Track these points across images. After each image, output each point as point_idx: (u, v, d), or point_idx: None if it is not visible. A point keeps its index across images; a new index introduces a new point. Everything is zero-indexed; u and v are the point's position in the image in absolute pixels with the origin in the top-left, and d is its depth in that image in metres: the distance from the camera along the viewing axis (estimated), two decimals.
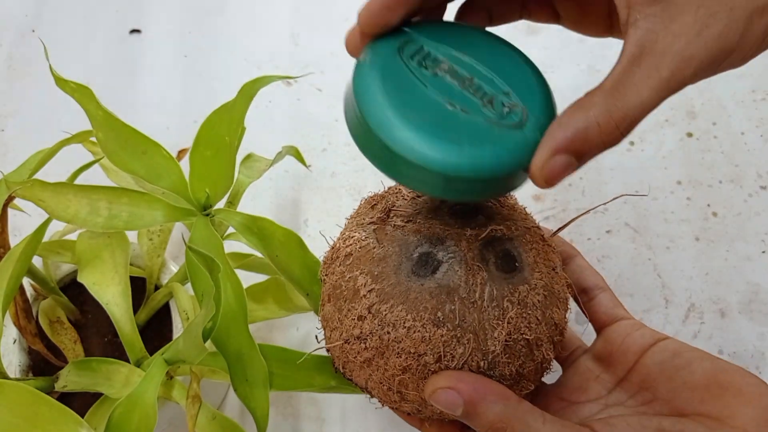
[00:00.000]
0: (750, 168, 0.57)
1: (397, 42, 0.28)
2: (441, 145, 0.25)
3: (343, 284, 0.30)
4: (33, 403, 0.30)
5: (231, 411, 0.49)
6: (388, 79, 0.27)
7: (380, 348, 0.29)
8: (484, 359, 0.28)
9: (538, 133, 0.27)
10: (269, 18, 0.66)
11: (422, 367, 0.28)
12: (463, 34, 0.29)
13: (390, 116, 0.26)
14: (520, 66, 0.29)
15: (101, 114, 0.38)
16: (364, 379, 0.31)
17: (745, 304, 0.52)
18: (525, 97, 0.27)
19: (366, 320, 0.29)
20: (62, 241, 0.42)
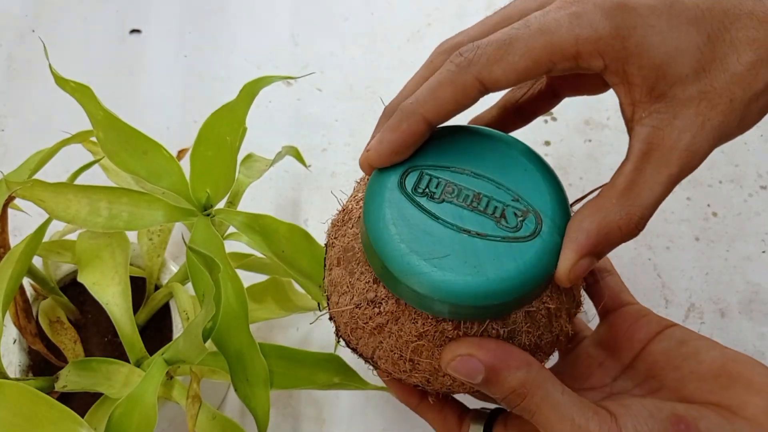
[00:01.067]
0: (750, 168, 0.57)
1: (398, 175, 0.28)
2: (468, 279, 0.26)
3: (356, 246, 0.29)
4: (33, 403, 0.30)
5: (231, 411, 0.49)
6: (400, 222, 0.27)
7: (396, 312, 0.28)
8: (504, 327, 0.27)
9: (556, 237, 0.27)
10: (269, 18, 0.66)
11: (440, 333, 0.27)
12: (460, 142, 0.29)
13: (413, 263, 0.26)
14: (523, 164, 0.29)
15: (101, 114, 0.38)
16: (372, 348, 0.29)
17: (745, 304, 0.52)
18: (535, 199, 0.28)
19: (380, 283, 0.28)
20: (62, 241, 0.42)
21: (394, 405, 0.49)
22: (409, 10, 0.66)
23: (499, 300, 0.26)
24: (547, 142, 0.59)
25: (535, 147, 0.30)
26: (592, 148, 0.59)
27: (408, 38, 0.65)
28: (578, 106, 0.60)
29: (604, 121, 0.60)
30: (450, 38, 0.31)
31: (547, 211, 0.28)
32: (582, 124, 0.60)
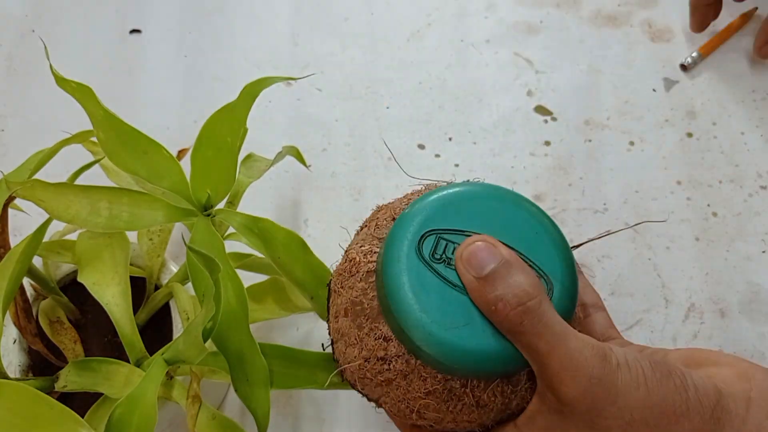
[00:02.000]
0: (750, 168, 0.57)
1: (415, 240, 0.28)
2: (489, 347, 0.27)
3: (365, 302, 0.29)
4: (33, 403, 0.30)
5: (231, 411, 0.49)
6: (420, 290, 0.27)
7: (405, 371, 0.28)
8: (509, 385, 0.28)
9: (567, 302, 0.28)
10: (269, 18, 0.66)
11: (447, 391, 0.28)
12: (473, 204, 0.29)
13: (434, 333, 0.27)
14: (534, 227, 0.29)
15: (102, 114, 0.38)
16: (379, 395, 0.30)
17: (745, 304, 0.52)
18: (546, 264, 0.28)
19: (392, 342, 0.28)
20: (62, 241, 0.42)
21: None
22: (409, 10, 0.66)
23: (516, 365, 0.27)
24: (547, 142, 0.59)
25: (535, 147, 0.30)
26: (592, 148, 0.59)
27: (408, 38, 0.65)
28: (578, 106, 0.60)
29: (604, 121, 0.60)
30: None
31: (557, 275, 0.28)
32: (582, 124, 0.60)
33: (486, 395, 0.28)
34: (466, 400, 0.28)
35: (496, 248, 0.27)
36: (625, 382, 0.25)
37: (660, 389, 0.25)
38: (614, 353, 0.26)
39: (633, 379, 0.25)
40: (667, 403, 0.25)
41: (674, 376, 0.26)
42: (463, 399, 0.28)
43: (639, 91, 0.61)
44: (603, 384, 0.25)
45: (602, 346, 0.26)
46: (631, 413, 0.25)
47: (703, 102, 0.60)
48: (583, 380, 0.25)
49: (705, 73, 0.62)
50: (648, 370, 0.26)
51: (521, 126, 0.59)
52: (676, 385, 0.26)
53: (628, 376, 0.25)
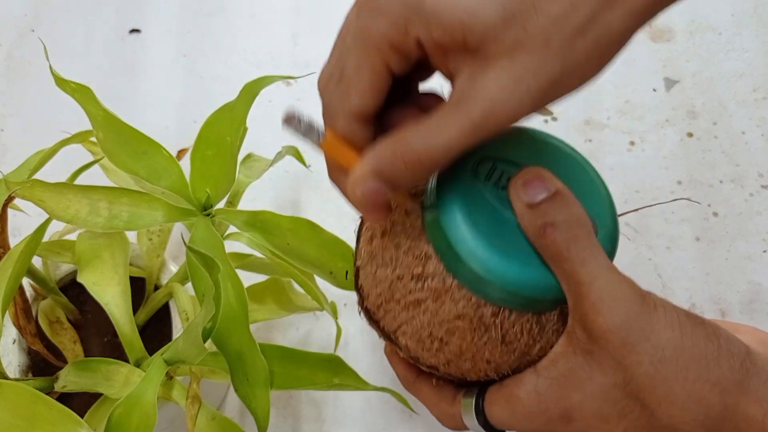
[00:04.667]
0: (751, 167, 0.57)
1: (471, 163, 0.29)
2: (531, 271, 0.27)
3: (408, 221, 0.30)
4: (32, 403, 0.30)
5: (231, 411, 0.49)
6: (473, 207, 0.28)
7: (439, 290, 0.28)
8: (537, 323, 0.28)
9: (608, 245, 0.28)
10: (269, 18, 0.66)
11: (478, 318, 0.28)
12: (529, 143, 0.30)
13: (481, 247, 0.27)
14: (584, 173, 0.30)
15: (101, 114, 0.38)
16: (400, 323, 0.30)
17: (746, 304, 0.52)
18: (593, 208, 0.28)
19: (432, 260, 0.28)
20: (62, 241, 0.42)
21: (393, 405, 0.49)
22: None
23: (553, 295, 0.27)
24: None
25: None
26: (592, 147, 0.59)
27: None
28: (579, 106, 0.60)
29: (604, 121, 0.60)
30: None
31: (603, 221, 0.29)
32: (582, 124, 0.60)
33: (514, 330, 0.28)
34: (492, 333, 0.28)
35: (551, 180, 0.27)
36: (661, 321, 0.25)
37: (693, 333, 0.25)
38: (652, 296, 0.26)
39: (669, 320, 0.26)
40: (699, 347, 0.25)
41: (707, 326, 0.26)
42: (491, 330, 0.28)
43: (639, 91, 0.61)
44: (640, 319, 0.25)
45: (641, 289, 0.26)
46: (663, 351, 0.25)
47: (703, 102, 0.60)
48: (621, 312, 0.25)
49: (706, 72, 0.62)
50: (683, 316, 0.26)
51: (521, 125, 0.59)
52: (708, 333, 0.26)
53: (664, 317, 0.26)
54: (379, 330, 0.31)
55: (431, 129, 0.25)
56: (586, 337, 0.26)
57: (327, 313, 0.40)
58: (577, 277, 0.26)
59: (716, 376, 0.25)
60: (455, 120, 0.25)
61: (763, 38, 0.63)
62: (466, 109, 0.25)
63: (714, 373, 0.25)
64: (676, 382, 0.25)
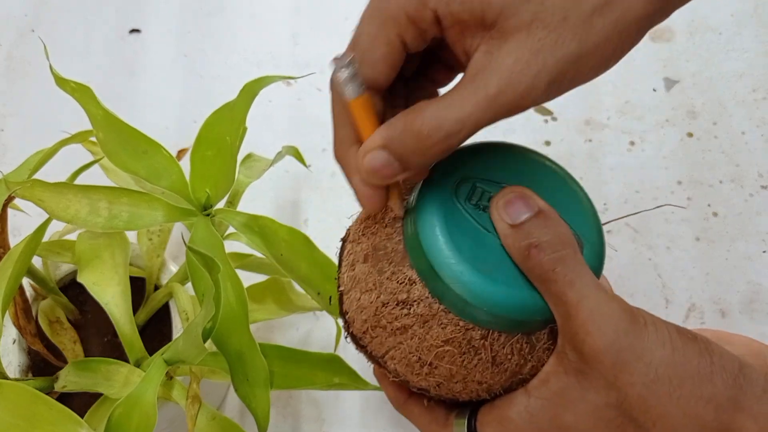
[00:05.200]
0: (751, 167, 0.57)
1: (451, 184, 0.28)
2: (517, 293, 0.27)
3: (390, 246, 0.29)
4: (32, 403, 0.30)
5: (231, 411, 0.49)
6: (454, 230, 0.27)
7: (425, 316, 0.28)
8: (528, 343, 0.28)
9: (596, 261, 0.28)
10: (269, 18, 0.66)
11: (466, 341, 0.28)
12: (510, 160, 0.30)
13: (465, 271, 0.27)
14: (567, 188, 0.29)
15: (101, 114, 0.38)
16: (388, 348, 0.30)
17: (745, 304, 0.52)
18: (578, 224, 0.28)
19: (416, 285, 0.28)
20: (62, 241, 0.42)
21: None
22: None
23: (541, 316, 0.27)
24: (547, 142, 0.59)
25: (535, 147, 0.31)
26: (592, 148, 0.59)
27: None
28: (579, 106, 0.60)
29: (604, 121, 0.60)
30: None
31: (588, 236, 0.28)
32: (582, 124, 0.60)
33: (504, 351, 0.28)
34: (482, 355, 0.28)
35: (533, 199, 0.27)
36: (652, 340, 0.25)
37: (685, 350, 0.25)
38: (641, 313, 0.26)
39: (660, 337, 0.25)
40: (692, 364, 0.25)
41: (699, 342, 0.26)
42: (480, 353, 0.28)
43: (639, 91, 0.61)
44: (630, 337, 0.25)
45: (629, 306, 0.26)
46: (656, 370, 0.25)
47: (703, 102, 0.60)
48: (611, 332, 0.25)
49: (706, 72, 0.62)
50: (674, 332, 0.26)
51: (521, 126, 0.59)
52: (701, 349, 0.25)
53: (655, 335, 0.25)
54: (366, 355, 0.31)
55: (445, 103, 0.25)
56: (576, 357, 0.26)
57: (327, 313, 0.40)
58: (565, 298, 0.26)
59: (710, 393, 0.25)
60: (470, 93, 0.24)
61: (762, 38, 0.63)
62: (483, 83, 0.24)
63: (708, 390, 0.25)
64: (669, 400, 0.25)
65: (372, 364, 0.31)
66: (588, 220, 0.29)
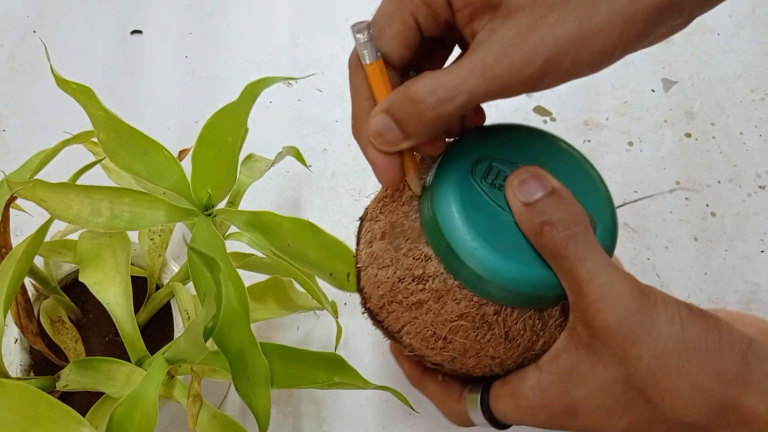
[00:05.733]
0: (749, 168, 0.57)
1: (467, 162, 0.29)
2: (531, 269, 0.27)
3: (407, 223, 0.30)
4: (34, 402, 0.30)
5: (232, 410, 0.49)
6: (470, 208, 0.28)
7: (440, 291, 0.28)
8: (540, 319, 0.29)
9: (608, 241, 0.28)
10: (270, 19, 0.67)
11: (480, 316, 0.28)
12: (525, 141, 0.30)
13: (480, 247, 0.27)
14: (581, 169, 0.30)
15: (103, 114, 0.38)
16: (404, 323, 0.30)
17: (743, 304, 0.52)
18: (592, 204, 0.29)
19: (432, 261, 0.28)
20: (64, 240, 0.42)
21: (393, 404, 0.49)
22: None
23: (553, 292, 0.27)
24: None
25: None
26: (591, 148, 0.59)
27: None
28: (577, 106, 0.60)
29: (603, 121, 0.60)
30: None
31: (601, 216, 0.29)
32: (581, 125, 0.60)
33: (516, 327, 0.28)
34: (496, 330, 0.28)
35: (547, 178, 0.27)
36: (662, 316, 0.26)
37: (694, 326, 0.26)
38: (652, 291, 0.26)
39: (669, 314, 0.26)
40: (700, 339, 0.25)
41: (708, 318, 0.26)
42: (494, 328, 0.28)
43: (638, 92, 0.61)
44: (640, 315, 0.25)
45: (640, 283, 0.26)
46: (665, 345, 0.25)
47: (701, 102, 0.60)
48: (621, 308, 0.25)
49: (704, 73, 0.62)
50: (684, 309, 0.26)
51: None
52: (710, 326, 0.26)
53: (665, 312, 0.26)
54: (383, 330, 0.31)
55: (443, 72, 0.25)
56: (587, 333, 0.26)
57: (328, 312, 0.40)
58: (577, 274, 0.26)
59: (718, 368, 0.25)
60: (466, 63, 0.25)
61: (760, 39, 0.63)
62: (480, 54, 0.25)
63: (716, 365, 0.25)
64: (678, 375, 0.25)
65: (388, 339, 0.32)
66: (602, 201, 0.29)
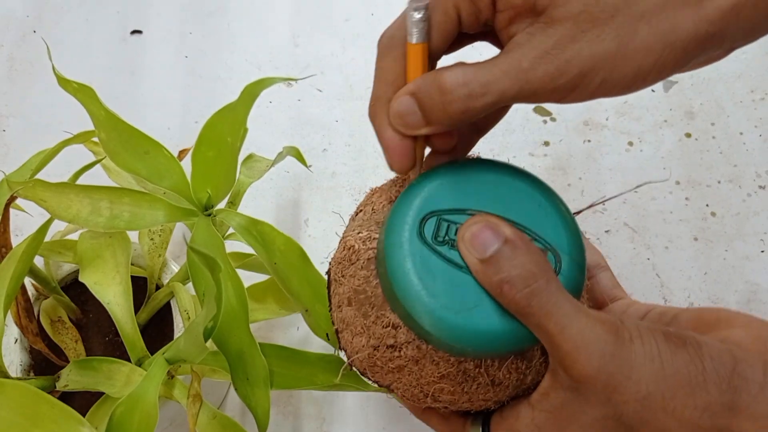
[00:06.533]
0: (749, 168, 0.57)
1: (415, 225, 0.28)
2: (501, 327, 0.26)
3: (369, 290, 0.29)
4: (34, 402, 0.30)
5: (231, 410, 0.49)
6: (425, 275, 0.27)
7: (416, 357, 0.28)
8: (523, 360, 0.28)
9: (576, 273, 0.27)
10: (270, 19, 0.67)
11: (462, 373, 0.28)
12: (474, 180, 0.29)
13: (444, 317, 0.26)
14: (538, 199, 0.28)
15: (103, 114, 0.38)
16: (389, 382, 0.30)
17: (743, 304, 0.52)
18: (552, 236, 0.28)
19: (401, 329, 0.28)
20: (64, 240, 0.42)
21: (393, 405, 0.49)
22: None
23: (529, 342, 0.27)
24: (546, 142, 0.59)
25: (534, 147, 0.31)
26: (590, 148, 0.59)
27: None
28: (577, 106, 0.60)
29: (603, 121, 0.60)
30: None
31: (565, 248, 0.27)
32: (581, 125, 0.60)
33: (501, 373, 0.28)
34: (480, 380, 0.28)
35: (498, 228, 0.26)
36: (639, 356, 0.25)
37: (675, 361, 0.25)
38: (626, 327, 0.25)
39: (647, 352, 0.25)
40: (682, 374, 0.24)
41: (689, 347, 0.25)
42: (478, 379, 0.28)
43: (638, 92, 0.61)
44: (616, 360, 0.25)
45: (613, 322, 0.26)
46: (647, 386, 0.24)
47: (701, 102, 0.60)
48: (596, 358, 0.25)
49: (704, 73, 0.62)
50: (662, 342, 0.25)
51: (520, 126, 0.59)
52: (691, 355, 0.25)
53: (642, 350, 0.25)
54: (374, 382, 0.31)
55: (476, 66, 0.25)
56: (568, 379, 0.26)
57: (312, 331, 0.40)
58: (546, 328, 0.25)
59: (704, 402, 0.24)
60: (501, 62, 0.25)
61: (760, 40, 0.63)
62: (517, 56, 0.25)
63: (701, 399, 0.24)
64: (664, 414, 0.25)
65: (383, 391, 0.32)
66: (564, 230, 0.28)
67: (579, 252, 0.28)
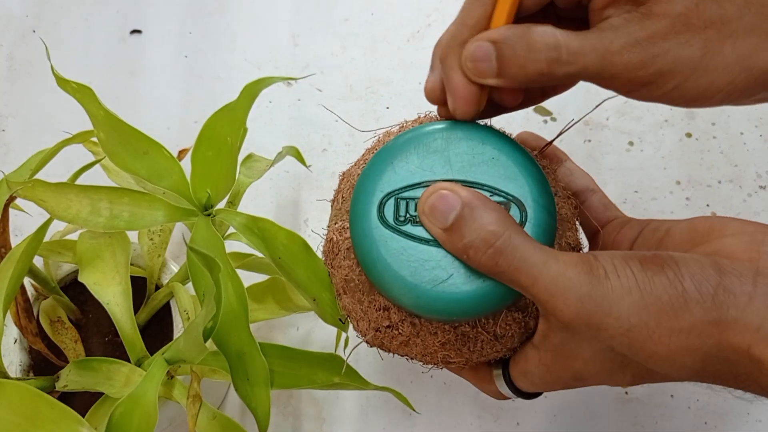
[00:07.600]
0: (749, 168, 0.57)
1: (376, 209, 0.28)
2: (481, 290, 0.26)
3: (356, 278, 0.30)
4: (34, 402, 0.30)
5: (231, 410, 0.49)
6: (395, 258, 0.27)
7: (414, 331, 0.29)
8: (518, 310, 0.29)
9: (546, 215, 0.27)
10: (270, 18, 0.67)
11: (461, 336, 0.28)
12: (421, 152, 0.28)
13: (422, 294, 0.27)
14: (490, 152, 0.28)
15: (102, 114, 0.38)
16: (403, 353, 0.31)
17: None
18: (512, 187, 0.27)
19: (392, 310, 0.29)
20: (63, 241, 0.42)
21: (394, 405, 0.49)
22: (409, 10, 0.66)
23: (513, 295, 0.27)
24: None
25: None
26: (591, 148, 0.59)
27: (408, 39, 0.65)
28: (578, 106, 0.60)
29: (603, 121, 0.60)
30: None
31: (528, 195, 0.27)
32: (581, 125, 0.60)
33: (499, 328, 0.28)
34: (482, 338, 0.28)
35: (454, 193, 0.26)
36: (617, 290, 0.24)
37: (653, 288, 0.24)
38: (600, 264, 0.25)
39: (624, 285, 0.24)
40: (663, 300, 0.24)
41: (667, 269, 0.24)
42: (480, 338, 0.28)
43: None
44: (594, 299, 0.24)
45: (586, 260, 0.25)
46: (629, 320, 0.24)
47: None
48: (573, 301, 0.24)
49: None
50: (638, 271, 0.25)
51: (521, 126, 0.59)
52: (670, 278, 0.24)
53: (618, 283, 0.24)
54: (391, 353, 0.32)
55: (570, 35, 0.25)
56: (557, 321, 0.27)
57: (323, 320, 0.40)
58: (519, 283, 0.25)
59: (689, 323, 0.24)
60: (594, 38, 0.25)
61: None
62: (609, 37, 0.25)
63: (686, 321, 0.24)
64: (651, 341, 0.24)
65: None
66: (525, 178, 0.27)
67: (545, 195, 0.27)
